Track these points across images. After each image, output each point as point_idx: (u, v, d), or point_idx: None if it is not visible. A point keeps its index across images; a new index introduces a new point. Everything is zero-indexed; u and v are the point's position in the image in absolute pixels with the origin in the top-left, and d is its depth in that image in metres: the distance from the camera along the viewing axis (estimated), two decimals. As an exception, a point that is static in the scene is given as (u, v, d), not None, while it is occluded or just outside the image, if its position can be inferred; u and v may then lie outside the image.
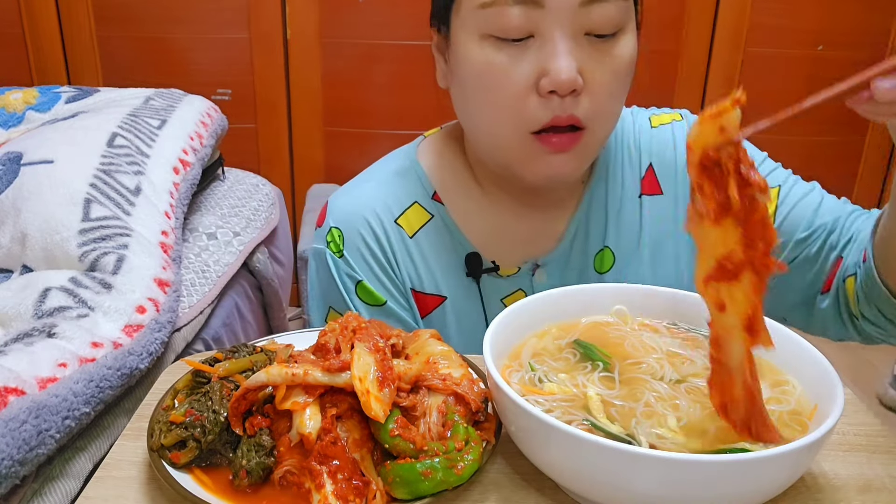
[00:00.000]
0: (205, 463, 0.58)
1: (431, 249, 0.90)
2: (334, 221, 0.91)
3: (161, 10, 2.26)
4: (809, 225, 0.86)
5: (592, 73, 0.76)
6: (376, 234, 0.89)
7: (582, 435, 0.50)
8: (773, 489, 0.52)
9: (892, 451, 0.63)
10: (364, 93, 2.37)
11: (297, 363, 0.58)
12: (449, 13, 0.81)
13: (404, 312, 0.90)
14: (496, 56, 0.76)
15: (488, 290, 0.91)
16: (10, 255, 1.17)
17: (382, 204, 0.90)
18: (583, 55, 0.75)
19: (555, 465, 0.55)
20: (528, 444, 0.56)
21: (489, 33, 0.76)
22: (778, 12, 2.25)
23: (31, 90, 1.65)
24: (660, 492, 0.50)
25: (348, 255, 0.89)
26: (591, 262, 0.91)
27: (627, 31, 0.78)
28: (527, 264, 0.91)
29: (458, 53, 0.80)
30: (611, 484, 0.51)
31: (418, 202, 0.91)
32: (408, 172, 0.92)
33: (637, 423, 0.57)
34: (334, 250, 0.90)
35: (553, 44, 0.74)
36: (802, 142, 2.33)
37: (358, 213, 0.90)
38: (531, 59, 0.75)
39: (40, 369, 0.85)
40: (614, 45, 0.77)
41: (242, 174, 1.75)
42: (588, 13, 0.74)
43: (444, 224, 0.90)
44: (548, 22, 0.74)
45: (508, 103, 0.77)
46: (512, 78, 0.76)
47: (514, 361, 0.65)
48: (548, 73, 0.74)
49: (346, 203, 0.92)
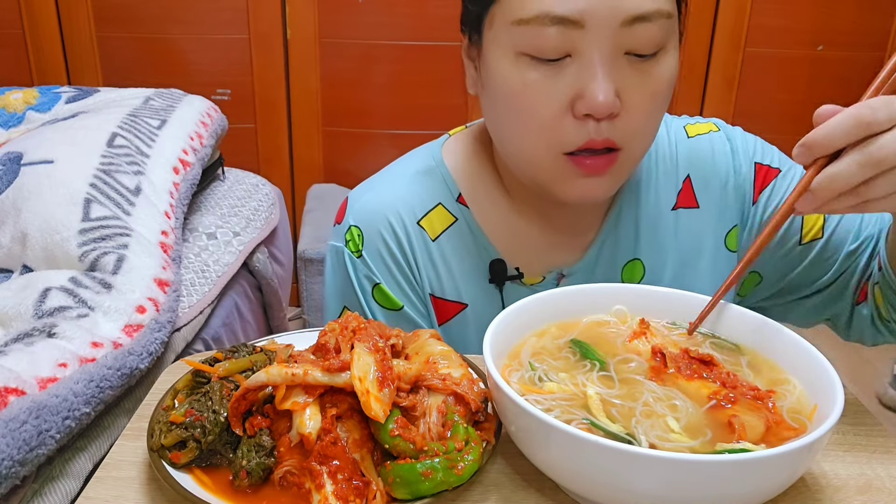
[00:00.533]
0: (205, 463, 0.58)
1: (454, 254, 0.88)
2: (354, 220, 0.88)
3: (161, 11, 2.26)
4: (857, 237, 0.85)
5: (631, 95, 0.72)
6: (398, 236, 0.87)
7: (582, 435, 0.50)
8: (774, 489, 0.52)
9: (892, 451, 0.63)
10: (363, 93, 2.37)
11: (296, 363, 0.58)
12: (481, 24, 0.77)
13: (421, 318, 0.88)
14: (531, 75, 0.72)
15: (511, 299, 0.86)
16: (10, 255, 1.17)
17: (405, 204, 0.87)
18: (621, 76, 0.71)
19: (555, 465, 0.55)
20: (528, 444, 0.56)
21: (524, 52, 0.72)
22: (778, 12, 2.25)
23: (32, 90, 1.65)
24: (660, 492, 0.50)
25: (367, 255, 0.87)
26: (618, 274, 0.89)
27: (670, 49, 0.73)
28: (552, 273, 0.88)
29: (489, 67, 0.76)
30: (611, 484, 0.51)
31: (442, 204, 0.88)
32: (432, 172, 0.89)
33: (637, 423, 0.57)
34: (353, 250, 0.87)
35: (591, 65, 0.70)
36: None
37: (380, 213, 0.87)
38: (567, 80, 0.71)
39: (40, 369, 0.85)
40: (655, 64, 0.73)
41: (242, 174, 1.75)
42: (630, 33, 0.69)
43: (468, 228, 0.88)
44: (586, 42, 0.69)
45: (542, 124, 0.74)
46: (547, 99, 0.72)
47: (514, 360, 0.65)
48: (584, 96, 0.71)
49: (368, 201, 0.89)
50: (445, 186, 0.89)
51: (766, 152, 0.89)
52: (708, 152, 0.89)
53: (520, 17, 0.71)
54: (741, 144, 0.89)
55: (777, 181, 0.88)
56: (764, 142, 0.91)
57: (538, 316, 0.70)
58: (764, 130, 0.97)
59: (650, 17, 0.69)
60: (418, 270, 0.88)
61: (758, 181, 0.88)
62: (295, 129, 2.42)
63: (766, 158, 0.88)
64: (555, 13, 0.69)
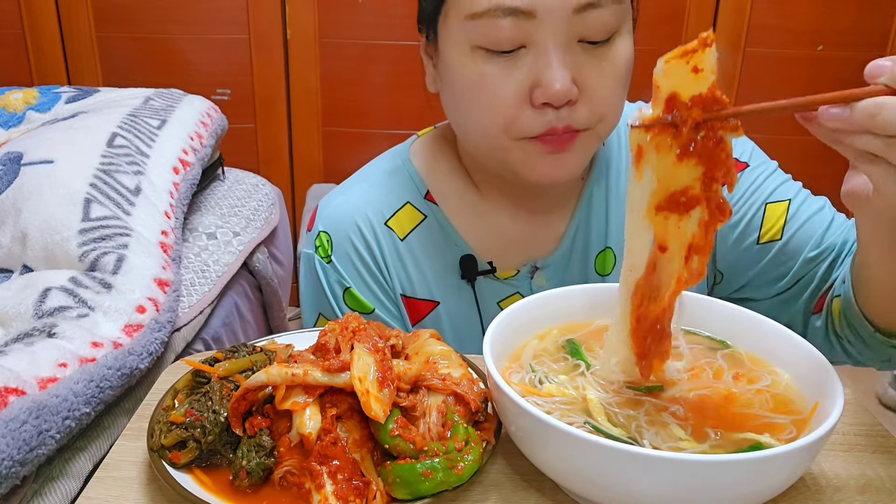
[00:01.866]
0: (205, 463, 0.58)
1: (424, 252, 0.89)
2: (323, 226, 0.89)
3: (161, 11, 2.26)
4: (818, 244, 0.84)
5: (588, 81, 0.73)
6: (366, 239, 0.87)
7: (582, 435, 0.50)
8: (774, 489, 0.52)
9: (892, 451, 0.63)
10: (363, 93, 2.37)
11: (296, 363, 0.58)
12: (436, 20, 0.78)
13: (393, 320, 0.89)
14: (487, 68, 0.73)
15: (484, 294, 0.89)
16: (10, 254, 1.17)
17: (372, 206, 0.88)
18: (577, 63, 0.72)
19: (555, 466, 0.55)
20: (528, 444, 0.56)
21: (479, 45, 0.73)
22: (778, 12, 2.25)
23: (32, 90, 1.65)
24: (659, 492, 0.50)
25: (336, 261, 0.88)
26: (591, 264, 0.90)
27: (623, 34, 0.75)
28: (525, 267, 0.89)
29: (447, 62, 0.77)
30: (610, 485, 0.51)
31: (410, 202, 0.89)
32: (399, 172, 0.90)
33: (637, 427, 0.57)
34: (322, 255, 0.88)
35: (546, 54, 0.71)
36: (801, 141, 2.33)
37: (347, 217, 0.88)
38: (523, 71, 0.72)
39: (40, 369, 0.85)
40: (609, 49, 0.74)
41: (242, 174, 1.75)
42: (582, 20, 0.70)
43: (438, 224, 0.88)
44: (540, 32, 0.71)
45: (501, 115, 0.75)
46: (504, 90, 0.73)
47: (515, 363, 0.65)
48: (541, 85, 0.71)
49: (337, 207, 0.90)
50: (413, 185, 0.89)
51: (738, 145, 0.89)
52: None
53: (473, 11, 0.72)
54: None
55: (743, 174, 0.88)
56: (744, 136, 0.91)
57: (538, 317, 0.70)
58: (764, 130, 0.97)
59: (601, 4, 0.70)
60: (388, 272, 0.88)
61: None
62: (295, 129, 2.42)
63: (736, 150, 0.88)
64: (506, 5, 0.70)
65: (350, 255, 0.87)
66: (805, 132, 0.60)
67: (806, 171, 0.93)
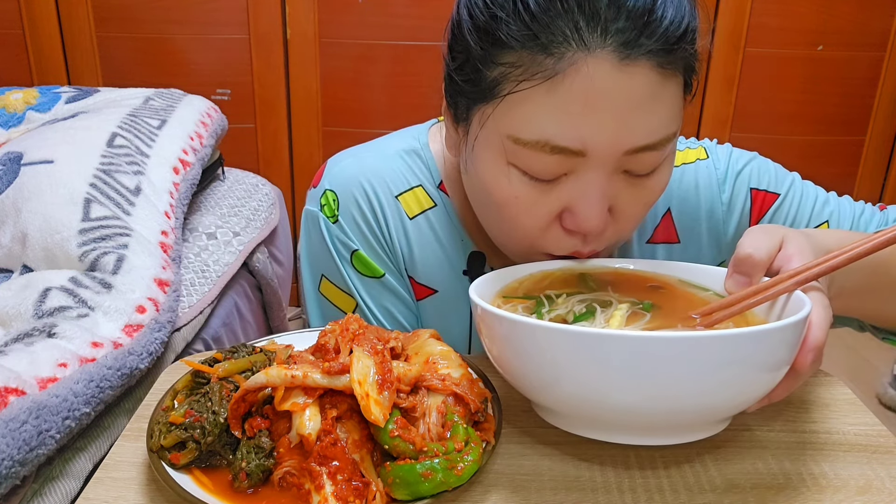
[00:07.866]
0: (204, 464, 0.58)
1: (431, 237, 0.85)
2: (330, 184, 0.84)
3: (161, 11, 2.26)
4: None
5: (622, 209, 0.68)
6: (372, 204, 0.83)
7: (553, 326, 0.53)
8: (759, 379, 0.53)
9: (892, 451, 0.63)
10: (363, 93, 2.37)
11: (296, 364, 0.58)
12: (470, 113, 0.70)
13: (403, 288, 0.85)
14: (522, 191, 0.67)
15: None
16: (10, 254, 1.17)
17: (385, 176, 0.84)
18: (615, 191, 0.67)
19: (531, 374, 0.57)
20: (506, 357, 0.58)
21: (518, 166, 0.66)
22: (778, 12, 2.25)
23: (32, 90, 1.65)
24: (636, 378, 0.51)
25: (343, 220, 0.83)
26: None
27: (666, 164, 0.69)
28: None
29: (476, 163, 0.71)
30: (586, 379, 0.53)
31: (423, 186, 0.85)
32: (416, 154, 0.86)
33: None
34: (328, 214, 0.84)
35: (586, 185, 0.65)
36: (802, 142, 2.33)
37: (357, 179, 0.84)
38: (560, 195, 0.67)
39: (40, 369, 0.85)
40: (650, 179, 0.68)
41: (242, 174, 1.75)
42: (633, 158, 0.65)
43: (447, 216, 0.85)
44: (586, 166, 0.65)
45: (527, 233, 0.70)
46: (537, 214, 0.68)
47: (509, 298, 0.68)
48: (575, 214, 0.67)
49: (347, 167, 0.85)
50: (427, 171, 0.86)
51: (763, 174, 0.85)
52: (692, 185, 0.85)
53: (517, 137, 0.65)
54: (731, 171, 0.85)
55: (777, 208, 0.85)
56: (759, 160, 0.87)
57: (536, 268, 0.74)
58: (764, 130, 0.97)
59: (655, 147, 0.65)
60: (392, 242, 0.85)
61: (755, 209, 0.85)
62: (295, 130, 2.42)
63: (762, 183, 0.85)
64: (556, 143, 0.63)
65: (356, 217, 0.84)
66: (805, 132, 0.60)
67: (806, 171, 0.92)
